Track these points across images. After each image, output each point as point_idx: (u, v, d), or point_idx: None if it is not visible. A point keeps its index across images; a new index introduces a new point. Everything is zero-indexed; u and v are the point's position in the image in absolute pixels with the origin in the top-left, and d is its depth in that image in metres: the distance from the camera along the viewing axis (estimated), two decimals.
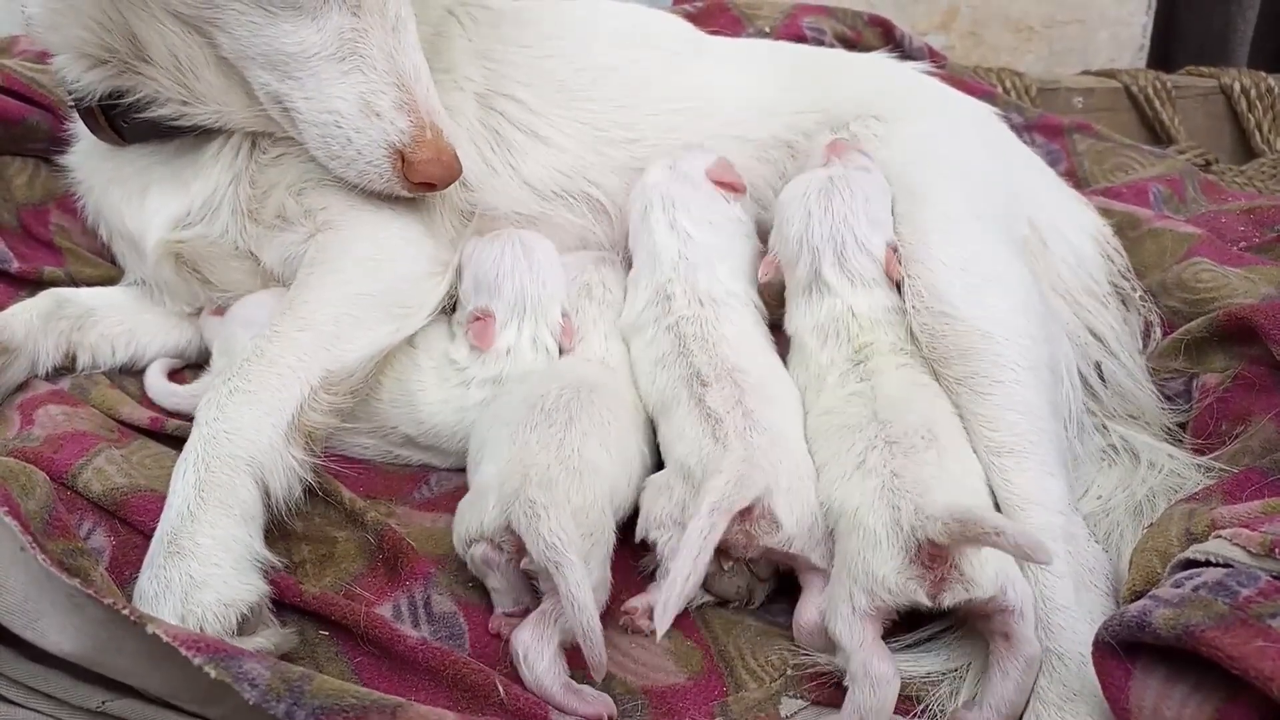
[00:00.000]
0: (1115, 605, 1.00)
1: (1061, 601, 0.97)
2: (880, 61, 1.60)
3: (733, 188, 1.35)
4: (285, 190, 1.28)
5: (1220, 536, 0.86)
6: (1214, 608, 0.75)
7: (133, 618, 0.77)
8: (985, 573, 0.91)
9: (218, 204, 1.29)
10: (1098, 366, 1.30)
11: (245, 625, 0.92)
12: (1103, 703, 0.84)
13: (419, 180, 1.22)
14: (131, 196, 1.33)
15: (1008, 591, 0.92)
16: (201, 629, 0.88)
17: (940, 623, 1.02)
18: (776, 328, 1.29)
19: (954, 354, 1.14)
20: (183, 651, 0.74)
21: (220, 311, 1.37)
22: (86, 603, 0.78)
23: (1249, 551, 0.82)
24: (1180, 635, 0.75)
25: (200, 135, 1.28)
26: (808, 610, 1.01)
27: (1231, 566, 0.82)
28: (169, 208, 1.30)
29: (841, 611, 0.94)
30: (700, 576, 0.95)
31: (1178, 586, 0.81)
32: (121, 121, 1.27)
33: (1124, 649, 0.80)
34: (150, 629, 0.76)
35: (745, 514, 1.00)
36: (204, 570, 0.93)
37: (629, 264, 1.35)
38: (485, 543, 1.00)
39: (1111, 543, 1.09)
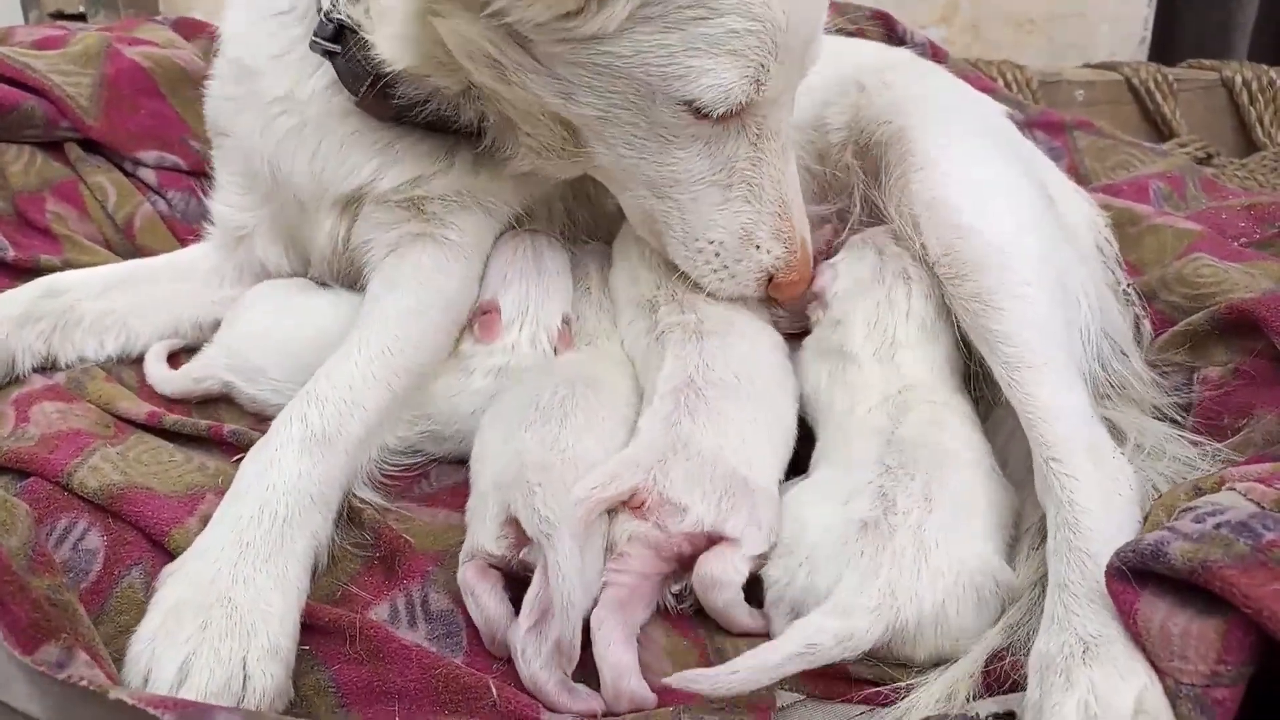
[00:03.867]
0: (1141, 513, 0.99)
1: (1087, 505, 0.96)
2: (896, 49, 1.61)
3: None
4: (439, 197, 1.27)
5: (1233, 490, 0.86)
6: (1235, 547, 0.75)
7: (92, 688, 0.75)
8: (918, 653, 0.94)
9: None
10: (1101, 311, 1.28)
11: None
12: None
13: (780, 296, 1.24)
14: (328, 157, 1.27)
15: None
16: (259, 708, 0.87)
17: None
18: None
19: (968, 269, 1.13)
20: (151, 711, 0.73)
21: None
22: (40, 678, 0.76)
23: (1262, 507, 0.81)
24: (1196, 569, 0.74)
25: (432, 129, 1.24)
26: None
27: (1260, 509, 0.81)
28: (359, 174, 1.25)
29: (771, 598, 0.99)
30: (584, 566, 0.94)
31: (1198, 522, 0.80)
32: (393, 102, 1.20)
33: (1135, 575, 0.81)
34: (113, 695, 0.74)
35: (640, 510, 1.00)
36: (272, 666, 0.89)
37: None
38: (477, 561, 1.00)
39: None
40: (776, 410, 1.17)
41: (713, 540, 1.01)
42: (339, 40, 1.17)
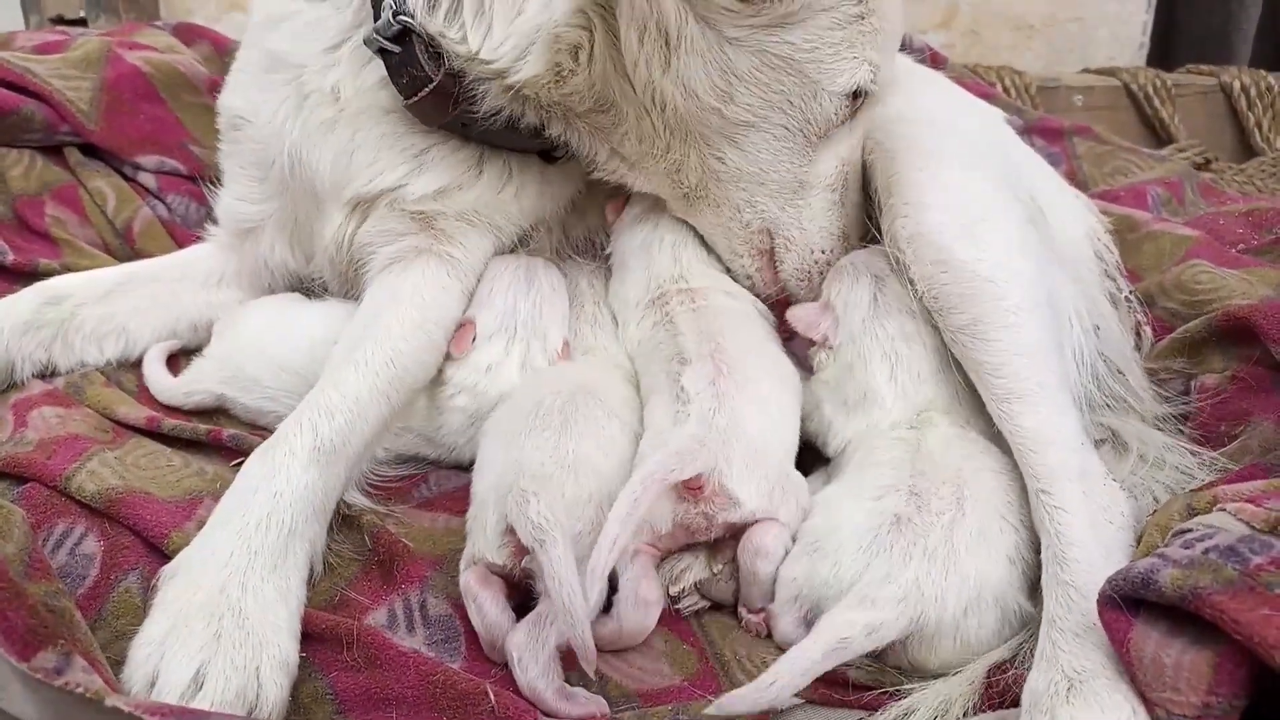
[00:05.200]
0: (1135, 540, 0.99)
1: (1075, 537, 0.96)
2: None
3: None
4: (454, 213, 1.27)
5: (1224, 510, 0.86)
6: (1223, 573, 0.75)
7: (88, 694, 0.75)
8: (931, 659, 0.95)
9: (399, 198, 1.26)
10: (1095, 329, 1.28)
11: None
12: None
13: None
14: (355, 152, 1.26)
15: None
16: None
17: None
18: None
19: (954, 301, 1.12)
20: (147, 718, 0.73)
21: None
22: (37, 684, 0.76)
23: (1253, 527, 0.81)
24: (1185, 596, 0.74)
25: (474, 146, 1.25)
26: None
27: (1249, 530, 0.81)
28: (385, 177, 1.25)
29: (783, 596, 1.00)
30: (626, 541, 0.94)
31: (1188, 548, 0.80)
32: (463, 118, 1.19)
33: (1127, 603, 0.80)
34: (109, 701, 0.74)
35: (697, 493, 1.00)
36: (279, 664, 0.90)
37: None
38: (478, 567, 1.00)
39: None
40: (787, 398, 1.18)
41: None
42: (399, 41, 1.15)
